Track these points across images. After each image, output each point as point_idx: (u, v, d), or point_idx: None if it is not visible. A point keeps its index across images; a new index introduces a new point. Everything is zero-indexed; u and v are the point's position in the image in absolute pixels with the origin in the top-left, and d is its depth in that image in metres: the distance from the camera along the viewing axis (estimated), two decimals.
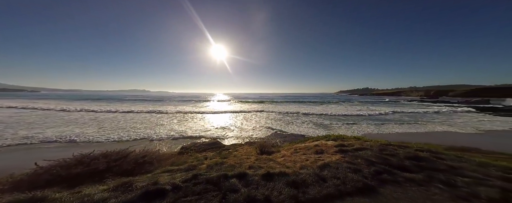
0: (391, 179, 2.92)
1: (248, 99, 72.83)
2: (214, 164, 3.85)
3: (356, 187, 2.68)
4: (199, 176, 2.84)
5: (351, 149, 4.55)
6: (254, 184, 2.64)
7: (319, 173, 3.12)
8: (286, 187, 2.54)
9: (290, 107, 34.54)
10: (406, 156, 3.88)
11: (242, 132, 13.22)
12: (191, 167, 3.86)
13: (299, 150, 5.12)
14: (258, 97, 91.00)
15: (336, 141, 5.68)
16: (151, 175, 3.47)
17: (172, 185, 2.52)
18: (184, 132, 12.55)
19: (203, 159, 4.84)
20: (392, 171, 3.22)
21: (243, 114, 23.44)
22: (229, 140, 10.81)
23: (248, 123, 16.54)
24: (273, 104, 42.26)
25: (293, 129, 14.19)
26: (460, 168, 3.32)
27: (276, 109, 28.78)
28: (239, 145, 8.08)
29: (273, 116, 21.53)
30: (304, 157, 4.33)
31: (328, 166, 3.47)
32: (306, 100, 60.23)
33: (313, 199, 2.36)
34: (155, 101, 47.86)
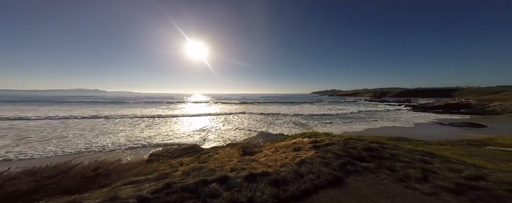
0: (353, 170, 3.35)
1: (229, 100, 70.23)
2: (191, 170, 3.51)
3: (327, 179, 2.92)
4: (173, 184, 2.56)
5: (323, 145, 4.88)
6: (237, 186, 2.55)
7: (297, 169, 3.27)
8: (268, 187, 2.55)
9: (271, 107, 35.53)
10: (363, 148, 4.50)
11: (224, 134, 12.73)
12: (162, 175, 3.42)
13: (280, 149, 5.22)
14: (240, 98, 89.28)
15: (311, 138, 6.00)
16: (108, 189, 2.88)
17: (137, 198, 2.13)
18: (152, 138, 10.87)
19: (178, 165, 4.42)
20: (353, 162, 3.70)
21: (224, 116, 22.22)
22: (210, 144, 10.25)
23: (229, 125, 15.94)
24: (255, 105, 42.43)
25: (275, 129, 14.72)
26: (397, 155, 4.07)
27: (257, 110, 28.97)
28: (220, 147, 7.75)
29: (255, 117, 21.47)
30: (284, 155, 4.47)
31: (305, 162, 3.67)
32: (285, 101, 63.39)
33: (292, 195, 2.45)
34: (113, 103, 40.75)
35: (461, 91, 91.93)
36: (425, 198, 2.32)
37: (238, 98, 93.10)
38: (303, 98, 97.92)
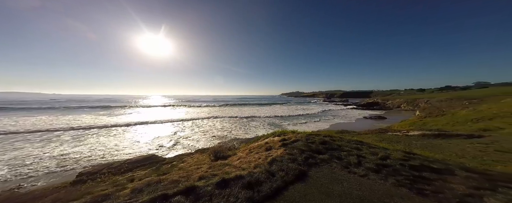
0: (314, 162, 3.74)
1: (198, 102, 63.79)
2: (145, 185, 2.93)
3: (295, 175, 3.10)
4: None
5: (290, 142, 5.18)
6: (207, 196, 2.37)
7: (269, 169, 3.33)
8: (242, 190, 2.49)
9: (245, 109, 35.39)
10: (319, 142, 5.12)
11: (192, 141, 11.58)
12: (98, 199, 2.68)
13: (253, 150, 5.20)
14: (211, 100, 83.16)
15: (280, 136, 6.23)
16: None
17: None
18: (82, 155, 8.27)
19: (126, 182, 3.72)
20: (313, 155, 4.13)
21: (191, 121, 19.68)
22: (174, 152, 9.02)
23: (199, 131, 14.48)
24: (228, 107, 41.05)
25: (250, 130, 14.80)
26: (342, 145, 4.92)
27: (231, 113, 28.05)
28: (187, 155, 7.02)
29: (228, 120, 20.75)
30: (257, 156, 4.46)
31: (276, 160, 3.78)
32: (258, 102, 64.49)
33: (266, 195, 2.46)
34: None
35: (374, 93, 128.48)
36: (360, 180, 3.00)
37: (209, 100, 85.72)
38: (274, 99, 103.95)
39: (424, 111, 24.16)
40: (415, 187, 2.59)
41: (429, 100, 32.41)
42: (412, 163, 3.58)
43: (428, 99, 33.35)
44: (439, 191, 2.46)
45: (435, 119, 16.70)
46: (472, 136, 8.33)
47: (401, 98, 46.11)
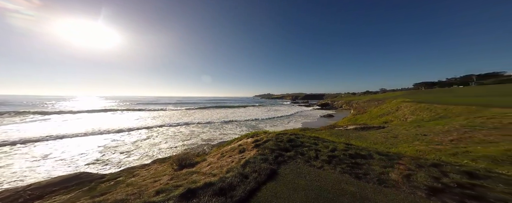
0: (282, 160, 3.99)
1: (159, 104, 53.33)
2: None
3: (266, 174, 3.18)
4: None
5: (262, 142, 5.28)
6: None
7: (242, 171, 3.26)
8: (213, 198, 2.33)
9: (218, 112, 32.29)
10: (287, 140, 5.51)
11: (148, 150, 9.76)
12: None
13: (226, 153, 5.00)
14: (175, 102, 71.30)
15: (253, 137, 6.30)
16: None
17: None
18: None
19: None
20: (282, 153, 4.40)
21: (137, 131, 14.98)
22: (121, 165, 7.34)
23: (156, 139, 12.04)
24: (199, 110, 36.38)
25: (226, 133, 14.09)
26: (304, 142, 5.50)
27: (201, 117, 25.44)
28: (139, 167, 5.92)
29: (195, 126, 18.10)
30: (230, 159, 4.31)
31: (249, 162, 3.75)
32: (231, 104, 61.21)
33: (239, 200, 2.40)
34: None
35: (326, 96, 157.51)
36: (318, 171, 3.52)
37: (173, 102, 72.23)
38: (249, 101, 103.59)
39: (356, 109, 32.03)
40: (353, 172, 3.33)
41: (358, 101, 43.15)
42: (350, 152, 4.55)
43: (357, 101, 44.33)
44: (366, 173, 3.29)
45: (362, 116, 22.48)
46: (380, 128, 11.81)
47: (342, 99, 59.08)
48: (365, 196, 2.53)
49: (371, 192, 2.64)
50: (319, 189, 2.76)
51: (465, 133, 7.96)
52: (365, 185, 2.86)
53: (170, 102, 74.90)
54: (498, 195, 2.29)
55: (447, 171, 3.10)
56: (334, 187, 2.82)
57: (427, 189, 2.55)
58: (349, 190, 2.70)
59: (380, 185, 2.82)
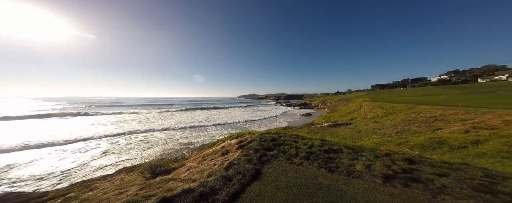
0: (266, 160, 4.04)
1: (122, 106, 45.11)
2: None
3: (251, 175, 3.15)
4: None
5: (247, 143, 5.25)
6: None
7: (225, 174, 3.13)
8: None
9: (198, 114, 29.70)
10: (270, 139, 5.63)
11: (108, 159, 8.23)
12: None
13: (208, 156, 4.77)
14: (145, 104, 60.52)
15: (237, 138, 6.20)
16: None
17: None
18: None
19: None
20: (265, 153, 4.46)
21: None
22: (72, 179, 5.99)
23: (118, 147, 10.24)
24: (177, 112, 32.24)
25: (210, 136, 13.14)
26: (285, 140, 5.73)
27: (179, 120, 22.70)
28: (101, 178, 5.15)
29: (173, 132, 15.19)
30: (212, 162, 4.12)
31: (232, 164, 3.64)
32: (215, 105, 57.64)
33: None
34: None
35: (305, 96, 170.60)
36: (298, 168, 3.71)
37: (144, 104, 61.18)
38: (233, 102, 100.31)
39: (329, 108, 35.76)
40: (328, 166, 3.66)
41: (331, 101, 48.36)
42: (324, 148, 4.98)
43: (330, 100, 49.66)
44: (338, 166, 3.67)
45: (334, 114, 25.27)
46: (348, 124, 13.54)
47: (318, 99, 65.05)
48: (338, 187, 2.80)
49: (342, 183, 2.95)
50: (300, 186, 2.90)
51: (405, 126, 10.00)
52: (337, 178, 3.17)
53: (141, 103, 64.03)
54: (427, 176, 2.94)
55: (395, 159, 3.78)
56: (312, 182, 3.01)
57: (383, 176, 3.03)
58: (324, 184, 2.93)
59: (349, 177, 3.18)
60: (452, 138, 6.99)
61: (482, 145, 6.03)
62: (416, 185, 2.71)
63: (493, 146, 5.81)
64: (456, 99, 17.45)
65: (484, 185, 2.57)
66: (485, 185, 2.57)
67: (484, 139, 6.38)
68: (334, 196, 2.57)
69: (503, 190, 2.40)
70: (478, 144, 6.13)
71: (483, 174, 2.98)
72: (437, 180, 2.77)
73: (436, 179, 2.82)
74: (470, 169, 3.20)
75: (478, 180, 2.73)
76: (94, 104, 55.54)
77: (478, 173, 2.99)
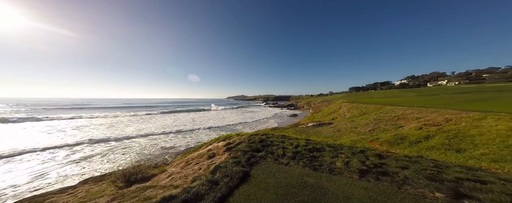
0: (254, 161, 4.01)
1: (89, 109, 38.46)
2: None
3: (239, 177, 3.07)
4: None
5: (234, 145, 5.14)
6: None
7: (211, 178, 3.00)
8: None
9: (182, 117, 27.07)
10: (258, 140, 5.62)
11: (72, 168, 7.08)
12: None
13: (192, 160, 4.54)
14: (116, 105, 52.94)
15: (225, 140, 6.03)
16: None
17: None
18: None
19: None
20: (254, 154, 4.42)
21: None
22: (22, 193, 4.98)
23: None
24: (150, 116, 27.17)
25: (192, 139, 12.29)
26: (273, 140, 5.80)
27: (158, 123, 19.69)
28: (60, 191, 4.48)
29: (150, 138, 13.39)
30: (197, 167, 3.92)
31: (219, 167, 3.50)
32: (200, 107, 52.21)
33: None
34: None
35: (292, 97, 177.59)
36: (285, 168, 3.79)
37: (119, 106, 52.10)
38: (222, 103, 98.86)
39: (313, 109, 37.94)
40: (312, 165, 3.84)
41: (314, 102, 51.47)
42: (309, 147, 5.22)
43: (314, 102, 52.80)
44: (321, 164, 3.88)
45: (317, 114, 26.90)
46: (329, 124, 14.59)
47: (303, 101, 68.42)
48: (321, 185, 2.95)
49: (325, 180, 3.13)
50: (287, 186, 2.96)
51: (375, 125, 11.30)
52: (320, 175, 3.35)
53: (114, 106, 54.21)
54: (393, 170, 3.36)
55: (368, 155, 4.21)
56: (298, 181, 3.11)
57: (359, 172, 3.33)
58: (309, 182, 3.06)
59: (331, 174, 3.40)
60: (411, 134, 8.20)
61: (431, 139, 7.25)
62: (385, 178, 3.06)
63: (439, 140, 7.03)
64: (412, 100, 20.63)
65: (434, 174, 3.07)
66: (434, 174, 3.07)
67: (432, 134, 7.67)
68: (318, 193, 2.70)
69: (447, 177, 2.90)
70: (428, 139, 7.34)
71: (433, 164, 3.55)
72: (401, 173, 3.18)
73: (400, 171, 3.24)
74: (423, 161, 3.78)
75: (429, 170, 3.23)
76: (50, 106, 46.00)
77: (429, 164, 3.55)
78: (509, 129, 6.39)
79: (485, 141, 6.07)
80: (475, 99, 16.16)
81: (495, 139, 6.01)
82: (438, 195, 2.46)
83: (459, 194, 2.43)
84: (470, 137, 6.67)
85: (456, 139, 6.77)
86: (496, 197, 2.24)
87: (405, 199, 2.44)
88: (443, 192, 2.48)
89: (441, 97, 22.31)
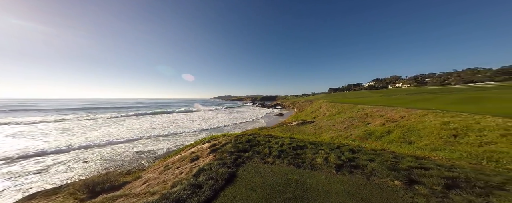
0: (241, 162, 3.96)
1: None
2: None
3: (225, 179, 2.98)
4: None
5: (220, 146, 4.98)
6: None
7: (194, 181, 2.85)
8: None
9: (158, 120, 22.36)
10: (245, 141, 5.58)
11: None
12: None
13: (173, 165, 4.21)
14: (83, 107, 43.22)
15: (210, 142, 5.79)
16: None
17: None
18: None
19: None
20: (240, 155, 4.37)
21: None
22: None
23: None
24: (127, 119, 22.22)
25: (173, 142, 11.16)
26: (260, 140, 5.83)
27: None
28: None
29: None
30: (178, 171, 3.65)
31: (203, 170, 3.34)
32: (179, 109, 44.65)
33: None
34: None
35: (278, 97, 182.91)
36: (271, 167, 3.84)
37: (76, 108, 41.04)
38: (208, 103, 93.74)
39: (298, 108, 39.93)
40: (296, 162, 4.00)
41: (299, 102, 54.26)
42: (293, 145, 5.43)
43: (298, 101, 55.65)
44: (304, 161, 4.07)
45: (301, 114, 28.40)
46: (311, 122, 15.58)
47: (289, 101, 71.39)
48: (304, 181, 3.09)
49: (307, 177, 3.29)
50: (273, 184, 3.00)
51: (350, 122, 12.62)
52: (303, 172, 3.51)
53: (74, 107, 41.76)
54: (363, 163, 3.78)
55: (343, 151, 4.63)
56: (283, 179, 3.18)
57: (336, 166, 3.62)
58: (293, 179, 3.17)
59: (312, 170, 3.60)
60: (376, 130, 9.45)
61: (391, 134, 8.52)
62: (357, 171, 3.41)
63: (396, 134, 8.30)
64: (377, 100, 23.89)
65: (393, 164, 3.58)
66: (393, 164, 3.59)
67: (392, 130, 9.02)
68: (301, 189, 2.81)
69: (402, 167, 3.43)
70: (389, 134, 8.61)
71: (392, 156, 4.15)
72: (369, 165, 3.60)
73: (368, 164, 3.67)
74: (385, 153, 4.39)
75: (390, 161, 3.76)
76: None
77: (390, 156, 4.13)
78: (442, 124, 8.01)
79: (427, 134, 7.47)
80: (420, 99, 19.79)
81: (433, 132, 7.46)
82: (397, 183, 2.87)
83: (411, 181, 2.90)
84: (417, 131, 8.11)
85: (408, 133, 8.13)
86: (435, 181, 2.75)
87: (373, 189, 2.77)
88: (400, 180, 2.91)
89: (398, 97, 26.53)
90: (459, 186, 2.61)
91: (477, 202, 2.22)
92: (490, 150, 5.00)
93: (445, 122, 7.89)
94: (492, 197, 2.28)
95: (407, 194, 2.53)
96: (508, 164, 3.99)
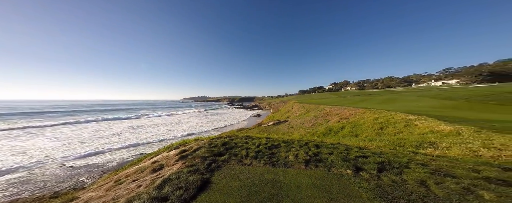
0: (216, 166, 3.70)
1: None
2: None
3: (197, 187, 2.69)
4: None
5: (191, 152, 4.54)
6: None
7: (157, 194, 2.47)
8: None
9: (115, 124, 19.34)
10: (221, 144, 5.28)
11: None
12: None
13: (126, 178, 3.50)
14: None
15: (179, 148, 5.21)
16: None
17: None
18: None
19: None
20: (215, 159, 4.08)
21: None
22: None
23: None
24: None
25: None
26: (237, 142, 5.65)
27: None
28: None
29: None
30: (134, 185, 3.06)
31: (169, 180, 2.94)
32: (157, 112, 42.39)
33: None
34: None
35: (256, 99, 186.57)
36: (248, 169, 3.74)
37: None
38: (178, 104, 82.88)
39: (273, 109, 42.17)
40: (271, 162, 4.09)
41: (274, 103, 57.48)
42: (269, 144, 5.54)
43: (274, 102, 58.86)
44: (278, 159, 4.24)
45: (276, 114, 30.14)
46: (285, 121, 16.79)
47: (265, 102, 74.24)
48: (278, 179, 3.18)
49: (281, 174, 3.41)
50: (250, 186, 2.91)
51: (315, 120, 14.51)
52: (277, 171, 3.62)
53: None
54: (325, 156, 4.35)
55: (310, 146, 5.18)
56: (259, 179, 3.16)
57: (304, 162, 3.97)
58: (269, 179, 3.20)
59: (285, 167, 3.78)
60: (334, 126, 11.31)
61: (344, 129, 10.45)
62: (320, 164, 3.87)
63: (347, 129, 10.25)
64: (334, 101, 28.92)
65: (345, 156, 4.32)
66: (345, 155, 4.33)
67: (344, 126, 11.07)
68: (276, 187, 2.87)
69: (351, 157, 4.20)
70: (342, 129, 10.52)
71: (345, 148, 5.02)
72: (329, 158, 4.17)
73: (328, 157, 4.25)
74: (340, 146, 5.26)
75: (343, 153, 4.52)
76: None
77: (343, 148, 4.98)
78: (374, 119, 10.61)
79: (366, 128, 9.66)
80: (361, 100, 25.61)
81: (369, 126, 9.73)
82: (349, 171, 3.46)
83: (358, 168, 3.57)
84: (360, 125, 10.34)
85: (355, 127, 10.23)
86: (372, 166, 3.52)
87: (333, 179, 3.20)
88: (350, 169, 3.52)
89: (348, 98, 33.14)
90: (385, 169, 3.45)
91: (396, 179, 3.01)
92: (399, 138, 7.04)
93: (376, 118, 10.51)
94: (403, 175, 3.15)
95: (356, 180, 3.08)
96: (409, 147, 5.72)
